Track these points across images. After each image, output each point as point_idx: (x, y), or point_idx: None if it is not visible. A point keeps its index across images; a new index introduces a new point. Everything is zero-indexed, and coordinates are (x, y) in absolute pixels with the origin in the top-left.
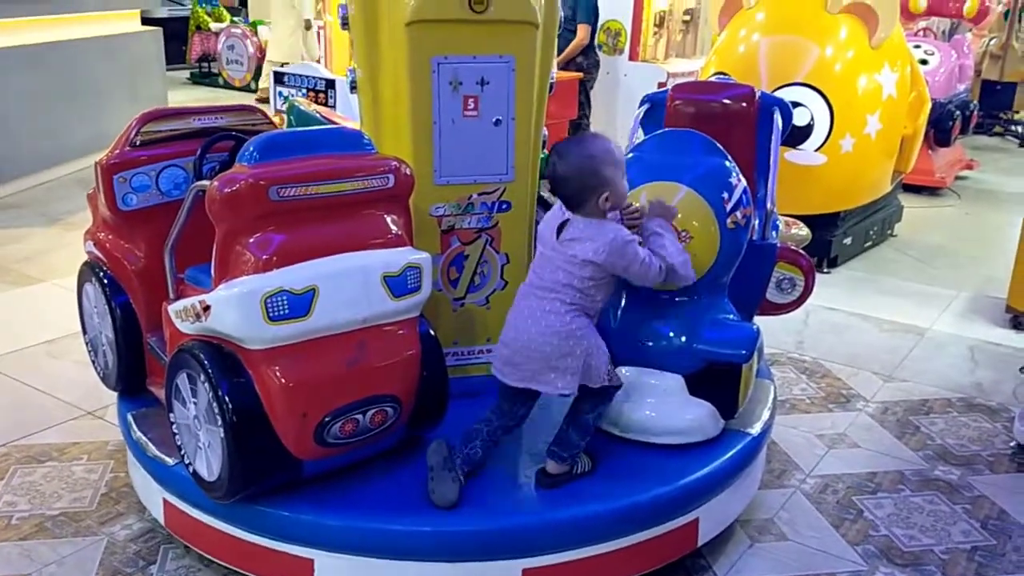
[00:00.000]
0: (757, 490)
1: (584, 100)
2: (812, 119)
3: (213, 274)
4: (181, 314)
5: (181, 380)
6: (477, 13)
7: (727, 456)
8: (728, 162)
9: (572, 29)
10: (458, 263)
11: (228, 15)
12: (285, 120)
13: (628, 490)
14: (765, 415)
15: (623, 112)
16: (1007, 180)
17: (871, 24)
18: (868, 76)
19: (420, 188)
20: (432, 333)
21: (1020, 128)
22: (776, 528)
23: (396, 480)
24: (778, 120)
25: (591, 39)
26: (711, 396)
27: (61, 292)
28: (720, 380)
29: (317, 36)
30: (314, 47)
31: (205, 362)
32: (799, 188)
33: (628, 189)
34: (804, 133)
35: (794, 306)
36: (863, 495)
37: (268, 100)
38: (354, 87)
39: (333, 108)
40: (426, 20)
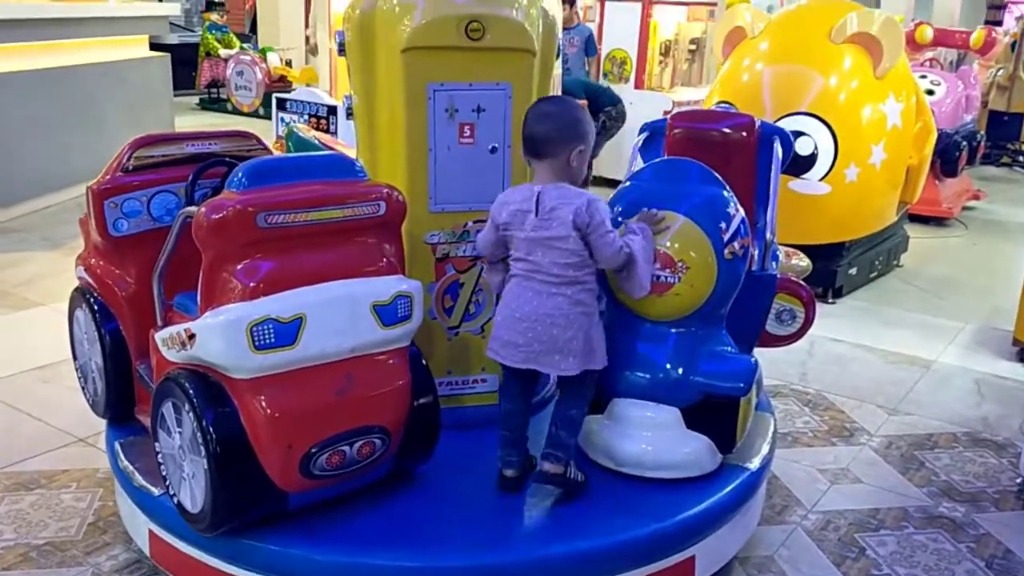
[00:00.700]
0: (757, 526)
1: (599, 140)
2: (816, 148)
3: (199, 301)
4: (167, 342)
5: (166, 409)
6: (473, 41)
7: (725, 491)
8: (726, 192)
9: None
10: (453, 291)
11: (237, 42)
12: (284, 146)
13: (622, 526)
14: (764, 449)
15: (629, 140)
16: (1015, 211)
17: (875, 54)
18: (873, 106)
19: (415, 215)
20: (423, 363)
21: None
22: (776, 566)
23: (385, 513)
24: (778, 149)
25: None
26: (708, 430)
27: (58, 317)
28: (718, 413)
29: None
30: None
31: (190, 391)
32: (803, 218)
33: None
34: (808, 162)
35: (794, 338)
36: (866, 532)
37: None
38: (350, 113)
39: (335, 134)
40: (422, 47)
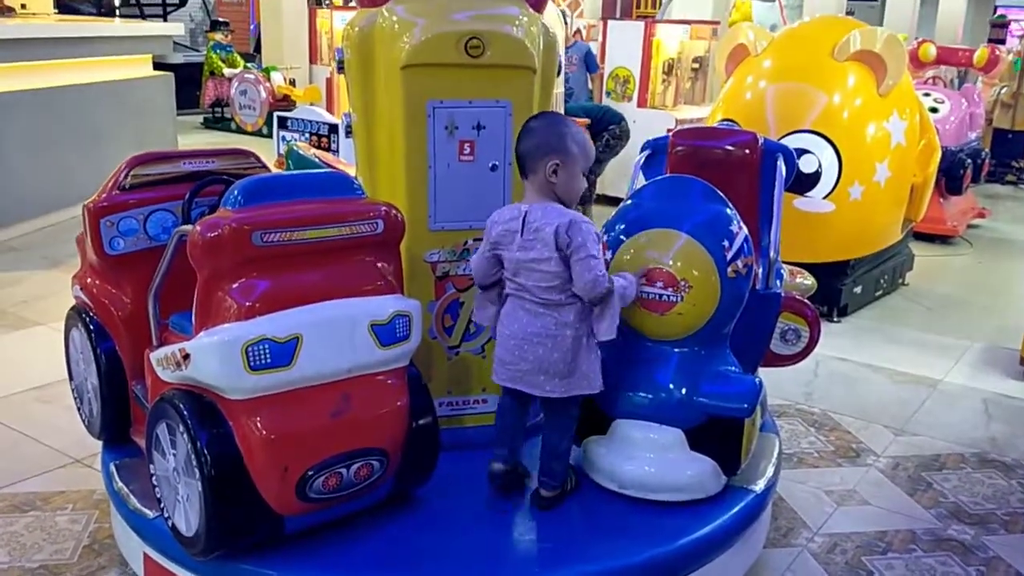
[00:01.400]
0: (762, 549)
1: (600, 157)
2: (820, 166)
3: (194, 321)
4: (162, 362)
5: (161, 430)
6: (473, 58)
7: (729, 514)
8: (729, 209)
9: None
10: (453, 310)
11: (242, 61)
12: (284, 164)
13: (625, 550)
14: (769, 471)
15: (634, 159)
16: (1020, 229)
17: (879, 72)
18: (876, 124)
19: (415, 233)
20: (422, 383)
21: None
22: None
23: (383, 537)
24: (781, 167)
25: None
26: (712, 451)
27: (56, 336)
28: (721, 435)
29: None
30: None
31: (184, 412)
32: (807, 236)
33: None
34: (812, 180)
35: (799, 358)
36: (873, 555)
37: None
38: (350, 131)
39: (336, 152)
40: (422, 64)
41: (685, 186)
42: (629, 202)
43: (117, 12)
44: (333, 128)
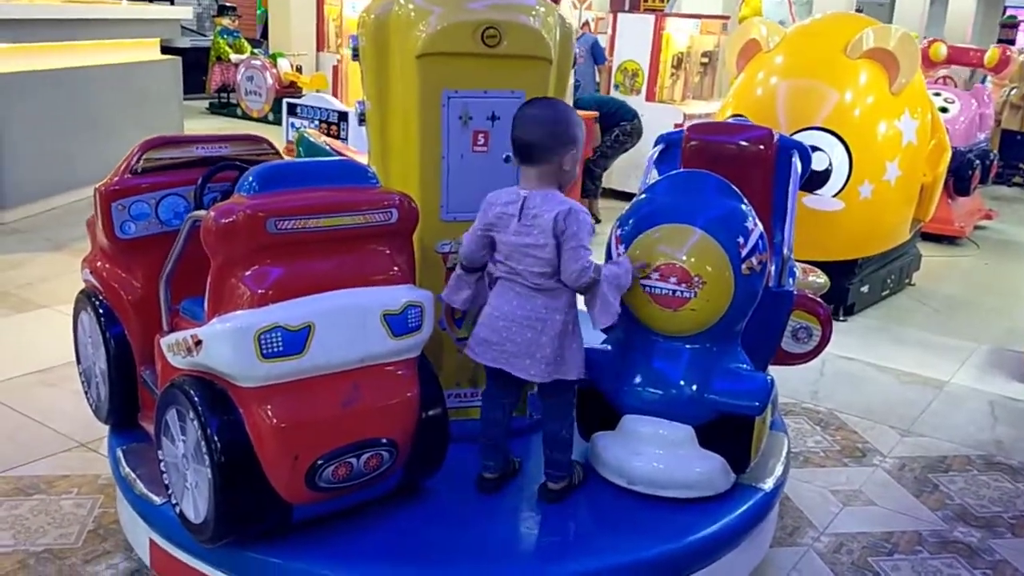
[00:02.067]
0: (768, 548)
1: (608, 152)
2: (830, 164)
3: (206, 307)
4: (173, 347)
5: (170, 416)
6: (489, 47)
7: (738, 512)
8: (744, 205)
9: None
10: None
11: (249, 47)
12: (295, 151)
13: (632, 545)
14: (778, 470)
15: (640, 152)
16: None
17: (892, 70)
18: (888, 122)
19: (426, 224)
20: (433, 374)
21: None
22: None
23: (392, 528)
24: (797, 164)
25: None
26: (722, 449)
27: (61, 319)
28: (732, 432)
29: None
30: None
31: (195, 399)
32: (816, 234)
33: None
34: (822, 178)
35: (810, 356)
36: (879, 556)
37: None
38: (363, 120)
39: (345, 140)
40: (437, 53)
41: (700, 181)
42: (643, 196)
43: None
44: (343, 116)
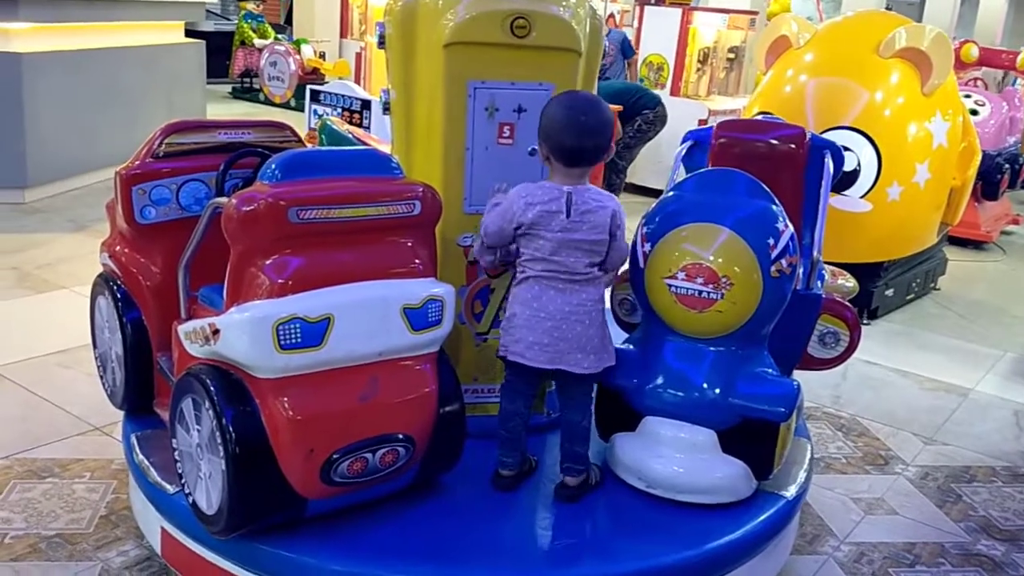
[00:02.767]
0: (788, 556)
1: (631, 143)
2: (859, 165)
3: (225, 296)
4: (191, 335)
5: (186, 405)
6: (518, 38)
7: (759, 520)
8: (775, 206)
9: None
10: (483, 296)
11: (272, 32)
12: (317, 139)
13: (650, 550)
14: (801, 477)
15: (663, 148)
16: None
17: (924, 70)
18: (918, 124)
19: (448, 216)
20: (451, 369)
21: None
22: None
23: (406, 524)
24: (829, 164)
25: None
26: (745, 454)
27: (80, 300)
28: (755, 438)
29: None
30: None
31: (211, 388)
32: (842, 235)
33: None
34: (849, 179)
35: (837, 362)
36: (900, 567)
37: None
38: (387, 109)
39: (368, 129)
40: (465, 42)
41: (729, 179)
42: (670, 194)
43: None
44: (366, 104)
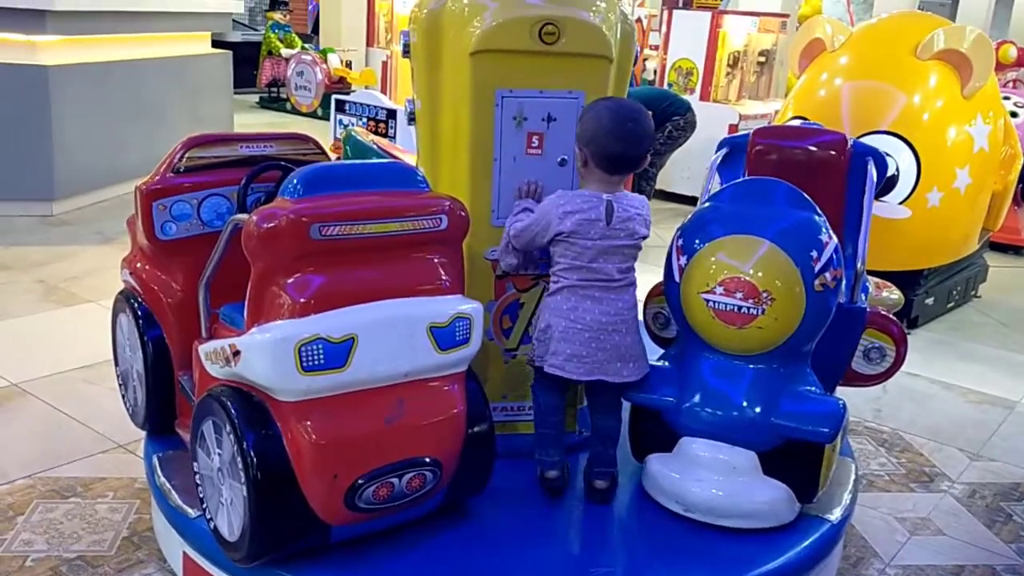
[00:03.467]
0: None
1: (662, 149)
2: (897, 170)
3: (246, 315)
4: (211, 356)
5: (207, 428)
6: (547, 45)
7: (803, 545)
8: (818, 216)
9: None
10: (512, 311)
11: (299, 42)
12: (342, 149)
13: None
14: (846, 499)
15: (693, 154)
16: None
17: (964, 73)
18: (959, 127)
19: (476, 229)
20: (480, 389)
21: None
22: None
23: (433, 550)
24: (872, 171)
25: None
26: (788, 477)
27: (106, 314)
28: (799, 459)
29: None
30: None
31: (232, 411)
32: (880, 243)
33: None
34: (888, 185)
35: (882, 378)
36: None
37: None
38: (412, 119)
39: (393, 139)
40: (492, 50)
41: (769, 189)
42: (707, 205)
43: None
44: (391, 113)
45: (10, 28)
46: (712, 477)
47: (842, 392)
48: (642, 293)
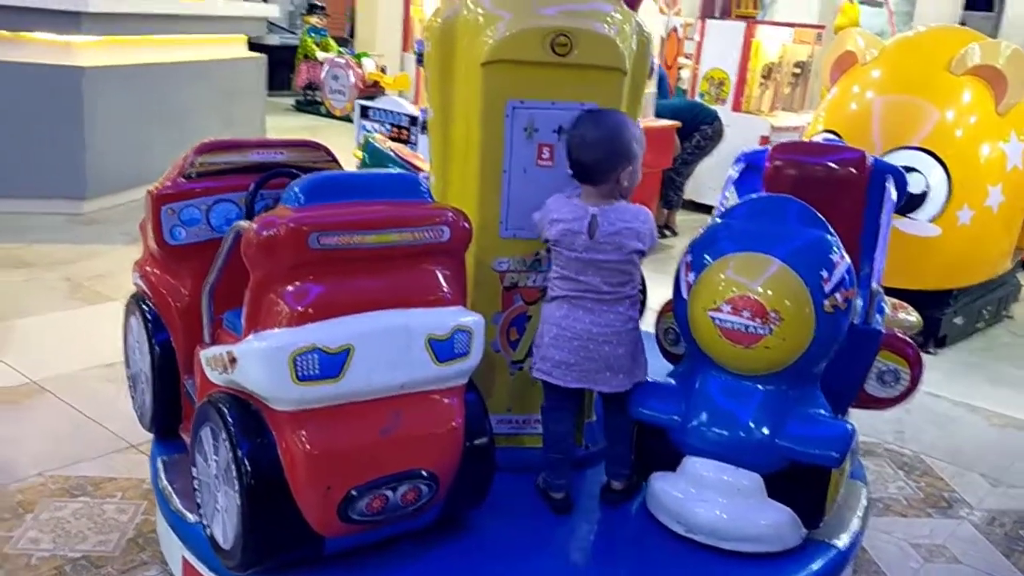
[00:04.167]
0: None
1: (689, 159)
2: (927, 186)
3: (243, 323)
4: (211, 362)
5: (204, 434)
6: (559, 56)
7: (808, 571)
8: (830, 235)
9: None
10: (519, 324)
11: (335, 46)
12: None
13: None
14: (855, 524)
15: (723, 164)
16: None
17: (999, 88)
18: (992, 144)
19: (484, 240)
20: (480, 402)
21: None
22: None
23: (431, 563)
24: (891, 190)
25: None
26: (793, 501)
27: None
28: (805, 483)
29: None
30: None
31: (228, 418)
32: (909, 260)
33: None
34: (917, 201)
35: (896, 402)
36: None
37: None
38: (425, 128)
39: (414, 146)
40: (503, 61)
41: (782, 207)
42: (718, 220)
43: None
44: (413, 120)
45: (46, 28)
46: (716, 498)
47: (863, 413)
48: (657, 305)
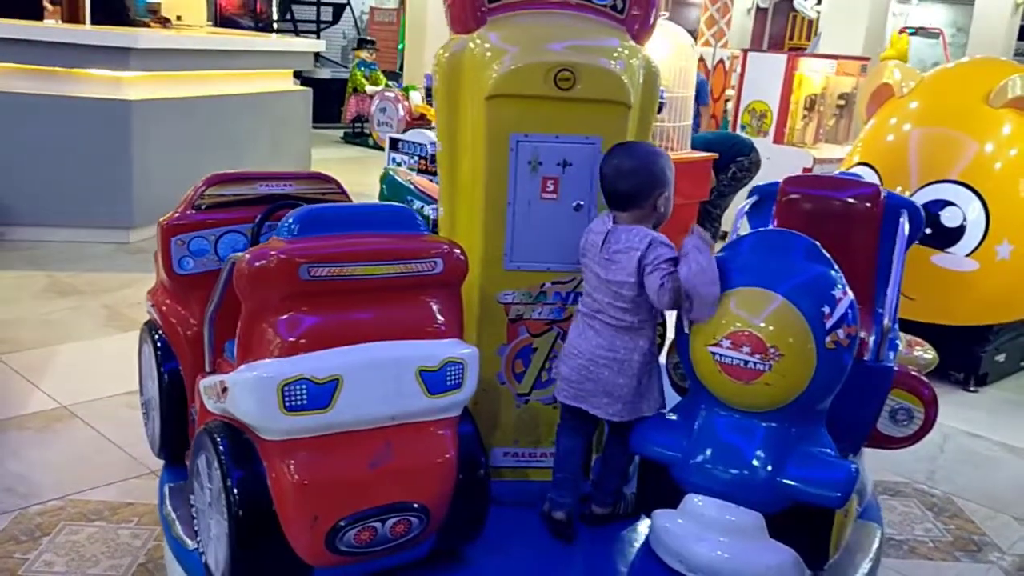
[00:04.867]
0: None
1: (725, 191)
2: (964, 220)
3: (236, 353)
4: (208, 390)
5: (200, 462)
6: (563, 90)
7: None
8: (834, 271)
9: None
10: (525, 356)
11: (384, 79)
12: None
13: None
14: (865, 568)
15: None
16: None
17: None
18: None
19: (489, 272)
20: (476, 435)
21: None
22: None
23: None
24: (905, 225)
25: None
26: (796, 541)
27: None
28: (808, 524)
29: None
30: None
31: (220, 447)
32: (947, 296)
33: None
34: (955, 235)
35: (909, 441)
36: None
37: None
38: (434, 160)
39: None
40: (507, 95)
41: (787, 242)
42: (721, 254)
43: (275, 27)
44: None
45: (97, 64)
46: (718, 538)
47: (894, 452)
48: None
